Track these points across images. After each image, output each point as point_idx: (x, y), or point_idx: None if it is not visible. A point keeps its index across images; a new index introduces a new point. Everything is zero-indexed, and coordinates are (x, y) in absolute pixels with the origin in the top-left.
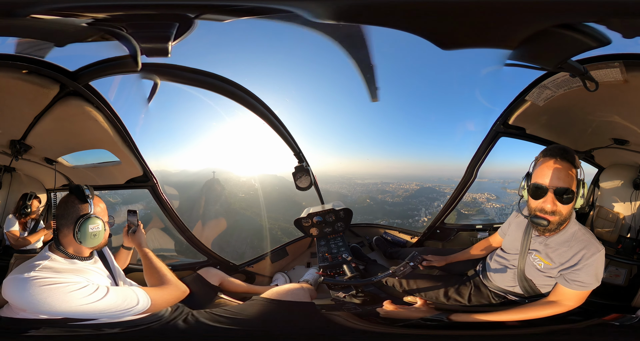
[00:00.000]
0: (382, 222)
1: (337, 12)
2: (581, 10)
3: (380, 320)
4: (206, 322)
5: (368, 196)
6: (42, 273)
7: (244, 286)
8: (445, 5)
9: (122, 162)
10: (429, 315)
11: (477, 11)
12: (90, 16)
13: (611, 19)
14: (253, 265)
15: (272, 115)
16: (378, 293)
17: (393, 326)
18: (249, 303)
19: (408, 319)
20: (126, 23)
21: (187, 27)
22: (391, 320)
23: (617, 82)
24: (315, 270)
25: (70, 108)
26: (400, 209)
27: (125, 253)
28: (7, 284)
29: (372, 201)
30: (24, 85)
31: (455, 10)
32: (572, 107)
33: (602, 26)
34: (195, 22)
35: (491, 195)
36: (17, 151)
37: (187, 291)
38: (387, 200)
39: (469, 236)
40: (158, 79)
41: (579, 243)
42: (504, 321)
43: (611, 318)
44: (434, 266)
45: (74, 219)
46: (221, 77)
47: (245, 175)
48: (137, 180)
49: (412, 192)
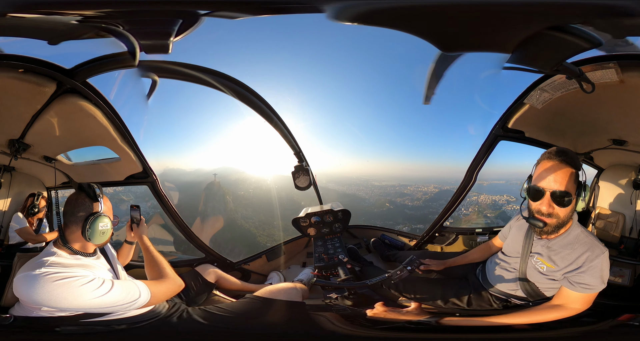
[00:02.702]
0: (404, 227)
1: (346, 14)
2: (570, 13)
3: (368, 323)
4: (199, 319)
5: (387, 199)
6: (52, 269)
7: (239, 284)
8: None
9: (122, 158)
10: (421, 319)
11: (475, 15)
12: (85, 13)
13: (597, 20)
14: (249, 263)
15: (274, 113)
16: (372, 295)
17: (381, 328)
18: (241, 301)
19: (398, 321)
20: (125, 19)
21: (191, 24)
22: (380, 322)
23: (614, 83)
24: (310, 270)
25: (67, 105)
26: (421, 213)
27: (127, 248)
28: (19, 282)
29: (392, 205)
30: (20, 84)
31: (456, 14)
32: (570, 109)
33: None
34: (201, 19)
35: (510, 196)
36: (16, 150)
37: (182, 285)
38: (407, 204)
39: (469, 239)
40: (157, 76)
41: (582, 245)
42: (508, 324)
43: (626, 319)
44: (433, 270)
45: (84, 217)
46: (223, 74)
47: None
48: (137, 177)
49: (432, 195)
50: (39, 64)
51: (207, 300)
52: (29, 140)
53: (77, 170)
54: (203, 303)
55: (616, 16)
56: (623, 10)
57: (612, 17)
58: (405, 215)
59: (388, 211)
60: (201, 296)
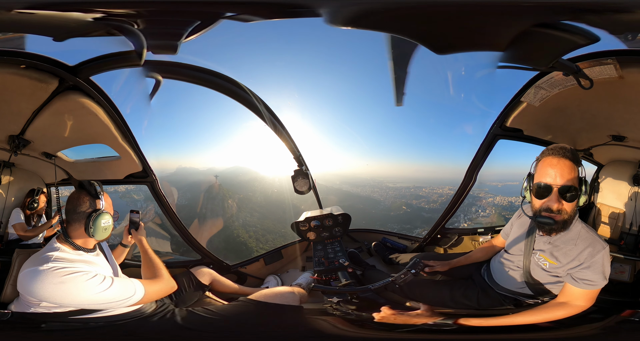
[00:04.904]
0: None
1: (336, 17)
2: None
3: (376, 326)
4: (180, 320)
5: (403, 202)
6: (58, 264)
7: (234, 287)
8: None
9: (122, 157)
10: (436, 321)
11: (467, 14)
12: (101, 11)
13: (592, 17)
14: (246, 266)
15: (274, 117)
16: (376, 298)
17: (391, 332)
18: (232, 304)
19: (410, 325)
20: (138, 18)
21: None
22: (389, 326)
23: (613, 79)
24: (309, 274)
25: (69, 102)
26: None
27: (121, 250)
28: (25, 278)
29: (408, 207)
30: (22, 80)
31: (448, 15)
32: (569, 105)
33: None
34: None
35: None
36: (16, 146)
37: (175, 287)
38: (424, 206)
39: (471, 240)
40: (161, 76)
41: (583, 241)
42: (517, 324)
43: (629, 314)
44: (437, 271)
45: (86, 213)
46: (226, 76)
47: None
48: (137, 176)
49: (448, 197)
50: (41, 61)
51: (198, 301)
52: (29, 136)
53: (77, 167)
54: (193, 305)
55: (613, 12)
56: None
57: (608, 12)
58: (423, 218)
59: (405, 214)
60: (192, 298)
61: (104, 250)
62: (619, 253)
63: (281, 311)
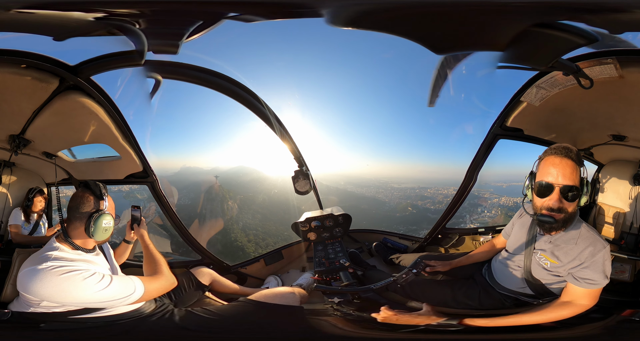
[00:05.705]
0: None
1: (337, 18)
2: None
3: (377, 326)
4: (179, 320)
5: (409, 203)
6: (57, 263)
7: (234, 288)
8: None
9: (122, 157)
10: (439, 321)
11: (467, 15)
12: (102, 10)
13: (592, 16)
14: (247, 266)
15: (275, 117)
16: (378, 299)
17: (393, 332)
18: (231, 304)
19: (412, 325)
20: (139, 18)
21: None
22: (391, 326)
23: (613, 79)
24: (310, 275)
25: (69, 102)
26: None
27: (125, 246)
28: (23, 277)
29: (414, 208)
30: (22, 79)
31: (447, 15)
32: (569, 105)
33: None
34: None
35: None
36: (16, 146)
37: (175, 283)
38: (429, 207)
39: (472, 240)
40: (161, 76)
41: (584, 240)
42: (523, 324)
43: (629, 314)
44: (439, 271)
45: (88, 214)
46: (227, 76)
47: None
48: (137, 176)
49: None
50: (42, 60)
51: (198, 302)
52: (29, 136)
53: (78, 167)
54: (193, 305)
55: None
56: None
57: (607, 12)
58: (429, 219)
59: (411, 215)
60: (192, 298)
61: (105, 249)
62: (619, 252)
63: (281, 312)
